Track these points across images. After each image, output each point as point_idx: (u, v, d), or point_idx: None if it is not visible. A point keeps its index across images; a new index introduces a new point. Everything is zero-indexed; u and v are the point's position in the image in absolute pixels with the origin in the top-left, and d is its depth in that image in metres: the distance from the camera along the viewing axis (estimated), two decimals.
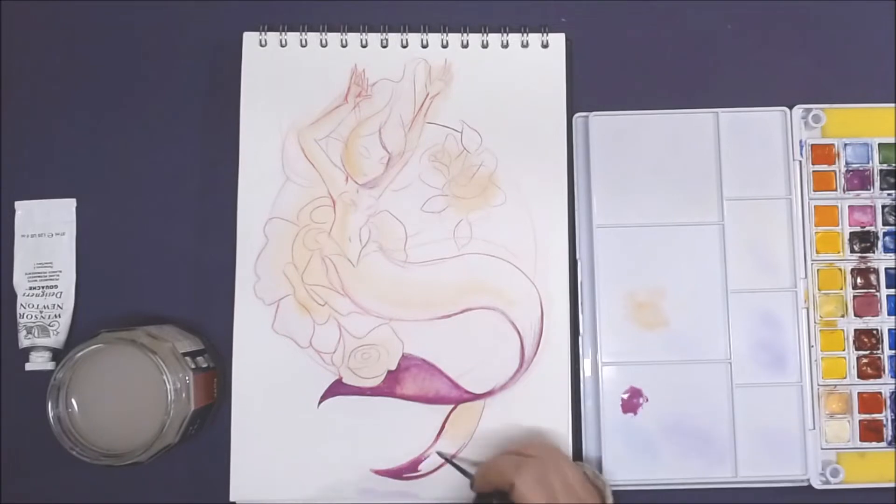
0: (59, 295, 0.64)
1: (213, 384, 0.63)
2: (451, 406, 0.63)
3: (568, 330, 0.64)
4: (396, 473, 0.62)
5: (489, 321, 0.64)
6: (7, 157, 0.66)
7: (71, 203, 0.66)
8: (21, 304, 0.64)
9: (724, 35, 0.67)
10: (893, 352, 0.64)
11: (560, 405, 0.63)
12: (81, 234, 0.65)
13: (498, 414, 0.63)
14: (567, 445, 0.62)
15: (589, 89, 0.66)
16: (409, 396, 0.63)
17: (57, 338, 0.64)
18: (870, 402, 0.63)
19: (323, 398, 0.63)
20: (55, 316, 0.64)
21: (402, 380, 0.63)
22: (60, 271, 0.65)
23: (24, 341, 0.64)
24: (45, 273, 0.65)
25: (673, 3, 0.67)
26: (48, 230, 0.65)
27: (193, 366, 0.60)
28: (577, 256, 0.64)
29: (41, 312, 0.64)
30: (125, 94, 0.66)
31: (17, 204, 0.65)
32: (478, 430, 0.63)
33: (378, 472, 0.62)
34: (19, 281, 0.65)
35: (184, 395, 0.58)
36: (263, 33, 0.65)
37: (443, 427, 0.63)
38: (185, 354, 0.59)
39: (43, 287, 0.64)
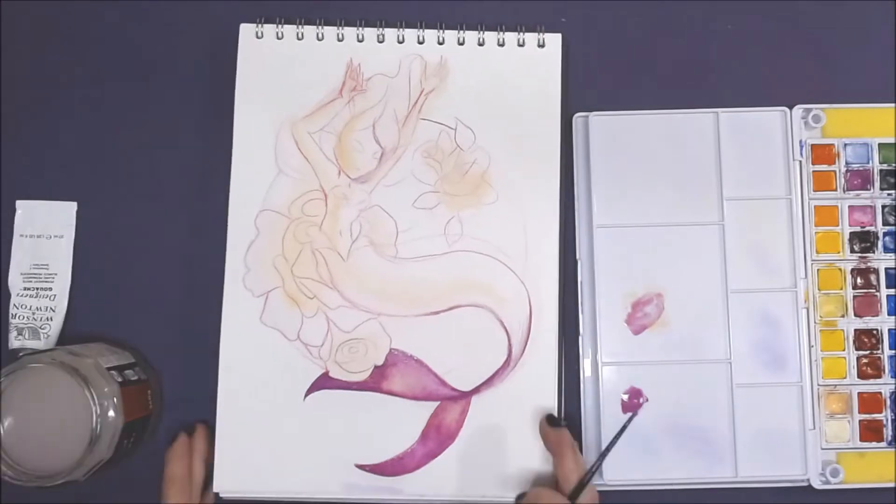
0: (52, 297, 0.64)
1: (148, 396, 0.62)
2: (437, 402, 0.63)
3: (556, 329, 0.63)
4: (380, 469, 0.62)
5: (477, 319, 0.63)
6: (7, 157, 0.65)
7: (72, 206, 0.65)
8: (14, 305, 0.64)
9: (724, 35, 0.67)
10: (893, 352, 0.64)
11: (546, 404, 0.62)
12: (79, 238, 0.65)
13: (484, 411, 0.62)
14: None
15: (588, 89, 0.66)
16: (395, 392, 0.63)
17: (47, 341, 0.63)
18: (870, 402, 0.63)
19: (309, 391, 0.62)
20: (47, 319, 0.64)
21: (389, 375, 0.63)
22: (56, 274, 0.64)
23: (13, 342, 0.63)
24: (40, 274, 0.64)
25: (673, 3, 0.67)
26: (47, 232, 0.64)
27: (120, 379, 0.59)
28: (577, 256, 0.64)
29: (33, 314, 0.64)
30: (124, 93, 0.66)
31: (19, 203, 0.65)
32: (464, 428, 0.62)
33: (362, 468, 0.62)
34: (14, 280, 0.64)
35: (111, 409, 0.57)
36: (260, 25, 0.65)
37: (428, 424, 0.62)
38: (110, 369, 0.59)
39: (37, 288, 0.64)
